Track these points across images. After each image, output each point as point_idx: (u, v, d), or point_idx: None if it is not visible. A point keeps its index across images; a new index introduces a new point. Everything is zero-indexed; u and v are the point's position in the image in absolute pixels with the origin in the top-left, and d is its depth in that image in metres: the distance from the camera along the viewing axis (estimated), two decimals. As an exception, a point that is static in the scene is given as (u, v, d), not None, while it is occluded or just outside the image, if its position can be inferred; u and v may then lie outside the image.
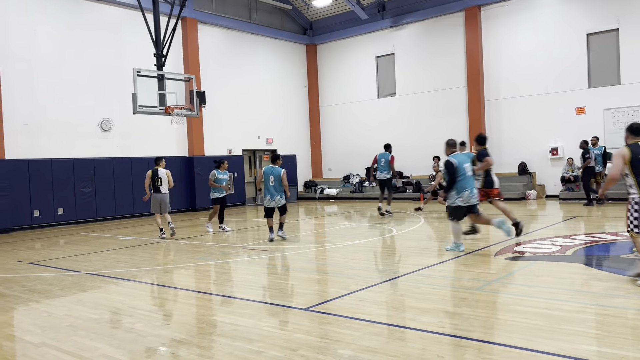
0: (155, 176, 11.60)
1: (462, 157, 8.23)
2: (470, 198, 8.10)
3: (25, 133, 14.84)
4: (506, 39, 18.75)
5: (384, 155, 13.90)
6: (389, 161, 13.77)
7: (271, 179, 10.12)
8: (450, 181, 8.11)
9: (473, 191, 8.15)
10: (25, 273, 8.18)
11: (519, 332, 4.39)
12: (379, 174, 13.80)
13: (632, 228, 5.75)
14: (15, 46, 14.69)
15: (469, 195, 8.08)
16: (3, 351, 4.59)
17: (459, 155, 8.25)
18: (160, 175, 11.63)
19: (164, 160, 11.98)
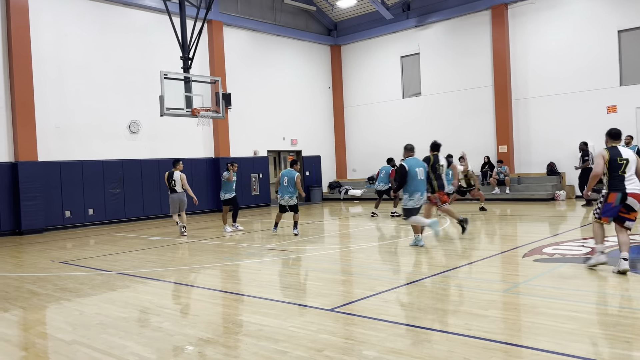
0: (171, 178, 12.32)
1: (415, 161, 8.98)
2: (420, 200, 8.92)
3: (56, 135, 15.23)
4: (534, 36, 18.44)
5: (385, 167, 14.90)
6: (389, 174, 14.65)
7: (285, 179, 11.31)
8: (400, 184, 8.92)
9: (423, 194, 8.99)
10: (57, 272, 8.39)
11: (548, 335, 4.31)
12: (377, 184, 14.86)
13: (594, 214, 6.74)
14: (47, 51, 15.08)
15: (419, 198, 8.87)
16: (36, 348, 4.72)
17: (412, 160, 8.98)
18: (175, 177, 12.29)
19: (181, 163, 12.53)
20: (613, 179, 6.49)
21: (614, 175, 6.48)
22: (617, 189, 6.45)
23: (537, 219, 13.15)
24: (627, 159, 6.44)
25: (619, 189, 6.45)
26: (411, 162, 8.93)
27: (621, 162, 6.47)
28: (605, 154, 6.53)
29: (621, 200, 6.46)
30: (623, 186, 6.44)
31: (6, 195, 14.12)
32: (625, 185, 6.44)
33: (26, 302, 6.40)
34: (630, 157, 6.48)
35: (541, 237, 9.52)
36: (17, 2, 14.28)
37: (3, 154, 14.28)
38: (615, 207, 6.51)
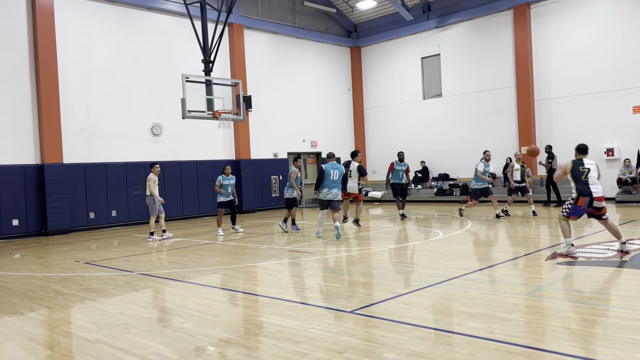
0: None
1: (332, 165, 11.26)
2: (327, 194, 11.13)
3: (81, 138, 15.51)
4: (557, 36, 18.18)
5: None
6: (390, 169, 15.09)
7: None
8: (318, 182, 11.28)
9: (332, 191, 11.14)
10: (82, 272, 8.54)
11: (573, 340, 4.24)
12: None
13: (563, 212, 7.92)
14: (73, 55, 15.38)
15: (327, 192, 11.13)
16: (61, 347, 4.80)
17: (330, 164, 11.30)
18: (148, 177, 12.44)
19: (156, 166, 12.50)
20: (580, 184, 7.72)
21: (580, 181, 7.73)
22: (586, 193, 7.65)
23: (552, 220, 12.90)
24: (588, 168, 7.79)
25: (587, 194, 7.64)
26: (329, 165, 11.25)
27: (583, 170, 7.79)
28: (568, 165, 7.93)
29: (589, 204, 7.66)
30: (590, 191, 7.64)
31: (33, 196, 14.43)
32: (591, 189, 7.65)
33: (52, 302, 6.53)
34: (592, 166, 7.85)
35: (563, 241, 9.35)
36: (43, 7, 14.60)
37: (30, 156, 14.60)
38: (583, 209, 7.74)
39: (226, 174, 12.55)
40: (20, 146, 14.44)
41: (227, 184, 12.54)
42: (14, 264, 9.73)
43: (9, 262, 10.11)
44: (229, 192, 12.58)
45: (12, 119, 14.32)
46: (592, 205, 7.68)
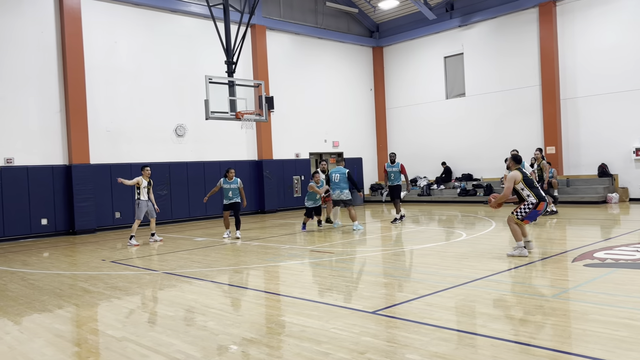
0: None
1: (336, 169, 12.98)
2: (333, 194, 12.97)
3: (107, 139, 15.79)
4: (584, 34, 17.84)
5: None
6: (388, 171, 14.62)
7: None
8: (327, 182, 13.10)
9: (335, 191, 12.84)
10: (108, 271, 8.70)
11: (599, 343, 4.16)
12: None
13: (517, 215, 8.17)
14: (99, 57, 15.67)
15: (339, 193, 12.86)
16: (88, 344, 4.90)
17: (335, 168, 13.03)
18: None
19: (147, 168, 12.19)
20: (535, 190, 8.12)
21: (534, 187, 8.14)
22: (543, 198, 8.08)
23: (587, 222, 12.69)
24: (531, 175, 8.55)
25: (544, 199, 8.09)
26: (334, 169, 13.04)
27: (531, 177, 8.25)
28: (518, 176, 8.12)
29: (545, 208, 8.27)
30: (543, 195, 8.17)
31: (61, 196, 14.75)
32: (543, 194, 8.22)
33: (79, 300, 6.66)
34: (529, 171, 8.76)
35: (592, 241, 9.19)
36: (71, 11, 14.91)
37: (58, 157, 14.93)
38: (539, 214, 8.26)
39: (229, 177, 12.29)
40: (48, 147, 14.77)
41: (228, 188, 12.29)
42: (42, 262, 9.96)
43: (38, 260, 10.36)
44: (230, 195, 12.31)
45: (41, 121, 14.66)
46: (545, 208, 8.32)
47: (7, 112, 14.06)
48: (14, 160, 14.10)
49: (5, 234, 13.76)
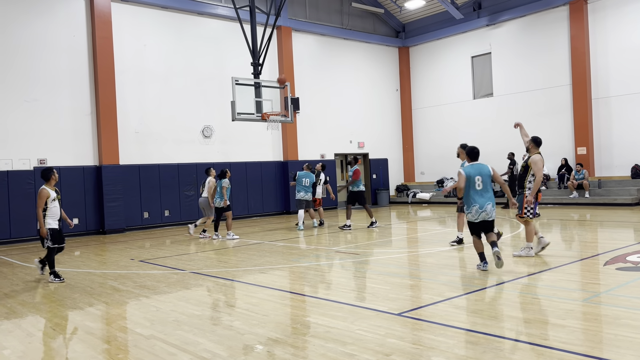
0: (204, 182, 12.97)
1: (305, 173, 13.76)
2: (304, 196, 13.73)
3: (136, 140, 16.08)
4: (616, 32, 17.40)
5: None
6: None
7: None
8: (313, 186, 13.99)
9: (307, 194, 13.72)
10: (137, 270, 8.85)
11: (632, 349, 4.05)
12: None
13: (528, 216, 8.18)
14: (128, 60, 15.97)
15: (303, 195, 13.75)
16: (117, 342, 5.00)
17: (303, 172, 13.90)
18: (205, 182, 12.91)
19: (212, 169, 13.02)
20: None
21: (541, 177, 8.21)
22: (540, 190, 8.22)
23: (620, 224, 12.37)
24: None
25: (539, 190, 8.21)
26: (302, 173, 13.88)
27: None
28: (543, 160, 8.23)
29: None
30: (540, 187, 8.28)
31: (92, 196, 15.07)
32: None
33: (109, 298, 6.80)
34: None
35: (625, 244, 8.95)
36: (102, 15, 15.24)
37: (89, 158, 15.27)
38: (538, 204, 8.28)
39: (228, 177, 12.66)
40: (80, 148, 15.12)
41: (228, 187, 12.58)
42: (74, 261, 10.20)
43: (69, 259, 10.60)
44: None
45: (73, 122, 15.02)
46: None
47: (40, 114, 14.44)
48: (46, 161, 14.47)
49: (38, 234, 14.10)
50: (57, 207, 8.00)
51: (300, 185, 13.75)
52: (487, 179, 7.36)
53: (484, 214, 7.26)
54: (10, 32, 14.05)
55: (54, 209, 7.93)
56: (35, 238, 14.06)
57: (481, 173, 7.36)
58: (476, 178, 7.33)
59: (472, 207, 7.30)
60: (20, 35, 14.20)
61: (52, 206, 7.92)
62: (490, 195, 7.36)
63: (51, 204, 7.89)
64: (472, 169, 7.44)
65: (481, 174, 7.35)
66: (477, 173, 7.35)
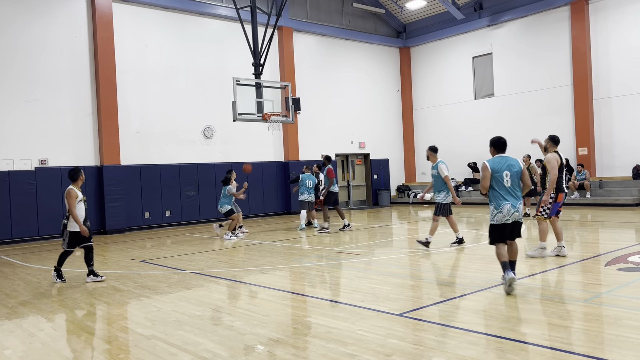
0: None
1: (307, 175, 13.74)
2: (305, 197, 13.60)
3: (137, 141, 16.09)
4: (617, 32, 17.39)
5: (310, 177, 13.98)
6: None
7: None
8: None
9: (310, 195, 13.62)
10: (138, 270, 8.85)
11: (633, 349, 4.04)
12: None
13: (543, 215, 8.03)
14: (130, 61, 15.98)
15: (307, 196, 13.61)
16: (118, 342, 5.00)
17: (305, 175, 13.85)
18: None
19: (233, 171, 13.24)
20: (560, 180, 7.93)
21: (561, 177, 7.94)
22: (562, 189, 7.93)
23: (621, 225, 12.36)
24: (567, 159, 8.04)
25: (563, 190, 7.93)
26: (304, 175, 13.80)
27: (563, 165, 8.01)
28: (558, 158, 7.92)
29: (564, 198, 8.06)
30: (563, 186, 8.00)
31: (92, 197, 15.07)
32: (564, 185, 8.01)
33: (110, 298, 6.80)
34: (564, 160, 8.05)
35: (626, 245, 8.94)
36: (103, 15, 15.25)
37: (90, 158, 15.28)
38: (560, 205, 8.03)
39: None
40: (81, 148, 15.13)
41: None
42: (75, 261, 10.20)
43: (70, 259, 10.57)
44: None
45: (74, 123, 15.03)
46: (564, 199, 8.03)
47: (41, 114, 14.46)
48: (48, 161, 14.48)
49: (39, 234, 14.14)
50: (82, 208, 7.88)
51: (303, 187, 13.69)
52: (515, 176, 6.33)
53: (516, 213, 6.28)
54: (11, 33, 14.07)
55: (79, 211, 7.82)
56: (36, 238, 14.07)
57: (510, 168, 6.32)
58: (504, 174, 6.28)
59: (503, 206, 6.22)
60: (21, 35, 14.22)
61: (78, 208, 7.81)
62: (520, 193, 6.39)
63: (77, 205, 7.80)
64: (500, 162, 6.39)
65: (510, 170, 6.31)
66: (506, 168, 6.31)
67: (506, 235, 6.34)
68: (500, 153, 6.53)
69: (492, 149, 6.64)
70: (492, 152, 6.61)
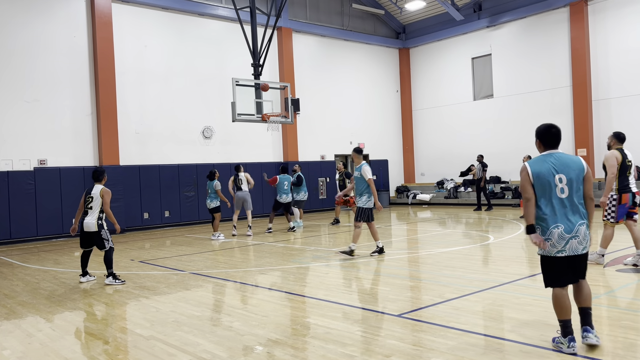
0: (237, 178, 13.11)
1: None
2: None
3: (136, 141, 16.08)
4: (616, 34, 17.41)
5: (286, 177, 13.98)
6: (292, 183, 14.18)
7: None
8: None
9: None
10: (137, 271, 8.84)
11: (633, 350, 4.04)
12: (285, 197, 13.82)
13: (609, 220, 7.31)
14: (129, 61, 15.98)
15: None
16: (117, 342, 4.99)
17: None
18: (240, 177, 13.10)
19: (242, 166, 13.46)
20: (620, 180, 7.03)
21: (624, 176, 7.03)
22: (627, 190, 7.04)
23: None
24: (631, 161, 7.05)
25: (628, 190, 7.05)
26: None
27: (629, 163, 7.06)
28: (618, 156, 7.00)
29: (632, 200, 7.11)
30: (629, 186, 7.09)
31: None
32: (630, 185, 7.10)
33: (108, 299, 6.80)
34: (633, 160, 7.16)
35: (625, 246, 8.94)
36: (102, 16, 15.24)
37: (89, 158, 15.27)
38: (627, 207, 7.14)
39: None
40: (80, 149, 15.11)
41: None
42: (74, 262, 10.19)
43: (69, 259, 10.60)
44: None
45: (73, 123, 15.02)
46: (633, 200, 7.10)
47: (40, 115, 14.44)
48: (47, 161, 14.47)
49: (38, 234, 14.13)
50: None
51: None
52: (576, 181, 4.16)
53: (574, 242, 4.11)
54: (11, 33, 14.06)
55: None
56: (35, 239, 14.05)
57: (566, 171, 4.16)
58: (556, 178, 4.14)
59: (552, 231, 4.09)
60: (21, 35, 14.21)
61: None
62: (582, 209, 4.22)
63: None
64: (548, 162, 4.23)
65: (566, 173, 4.15)
66: (560, 169, 4.16)
67: (566, 273, 4.17)
68: (550, 149, 4.33)
69: (538, 142, 4.46)
70: (539, 148, 4.43)
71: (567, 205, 4.14)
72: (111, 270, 7.79)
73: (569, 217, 4.12)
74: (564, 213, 4.13)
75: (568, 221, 4.11)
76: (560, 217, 4.11)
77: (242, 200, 13.20)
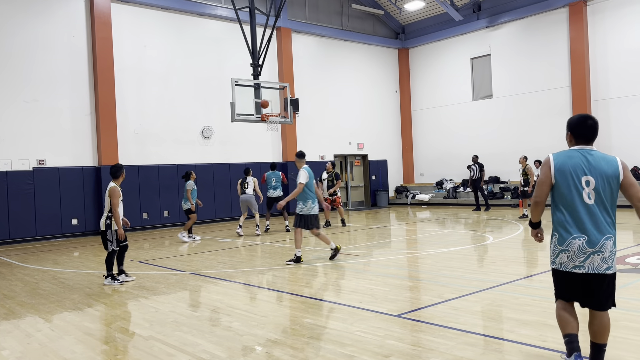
0: (244, 181, 13.30)
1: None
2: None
3: (135, 141, 16.07)
4: (616, 34, 17.42)
5: (275, 174, 14.00)
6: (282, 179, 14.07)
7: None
8: None
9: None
10: (136, 271, 8.84)
11: (631, 350, 4.05)
12: (272, 192, 13.83)
13: None
14: (128, 61, 15.97)
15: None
16: (116, 342, 4.99)
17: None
18: (247, 180, 13.27)
19: (250, 170, 13.61)
20: None
21: None
22: None
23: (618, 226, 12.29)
24: None
25: None
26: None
27: None
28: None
29: None
30: None
31: (91, 197, 15.06)
32: None
33: (108, 299, 6.79)
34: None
35: (624, 246, 8.95)
36: (101, 16, 15.24)
37: (88, 158, 15.26)
38: None
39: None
40: (79, 149, 15.10)
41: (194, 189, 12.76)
42: (73, 262, 10.19)
43: (68, 259, 10.59)
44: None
45: (72, 123, 15.00)
46: None
47: (39, 115, 14.43)
48: (45, 161, 14.46)
49: (37, 234, 14.12)
50: (121, 207, 7.71)
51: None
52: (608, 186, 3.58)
53: (597, 259, 3.49)
54: (9, 33, 14.04)
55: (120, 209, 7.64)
56: (34, 239, 14.04)
57: (596, 172, 3.54)
58: (583, 180, 3.53)
59: (572, 243, 3.52)
60: (20, 35, 14.19)
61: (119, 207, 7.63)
62: (613, 219, 3.63)
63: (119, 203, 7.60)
64: (576, 158, 3.59)
65: (596, 175, 3.53)
66: (590, 170, 3.53)
67: (576, 291, 3.62)
68: (582, 144, 3.63)
69: (569, 135, 3.74)
70: (570, 142, 3.74)
71: (594, 214, 3.46)
72: (110, 272, 7.77)
73: (594, 227, 3.45)
74: (590, 222, 3.45)
75: (593, 233, 3.44)
76: (584, 227, 3.45)
77: (247, 203, 13.29)
